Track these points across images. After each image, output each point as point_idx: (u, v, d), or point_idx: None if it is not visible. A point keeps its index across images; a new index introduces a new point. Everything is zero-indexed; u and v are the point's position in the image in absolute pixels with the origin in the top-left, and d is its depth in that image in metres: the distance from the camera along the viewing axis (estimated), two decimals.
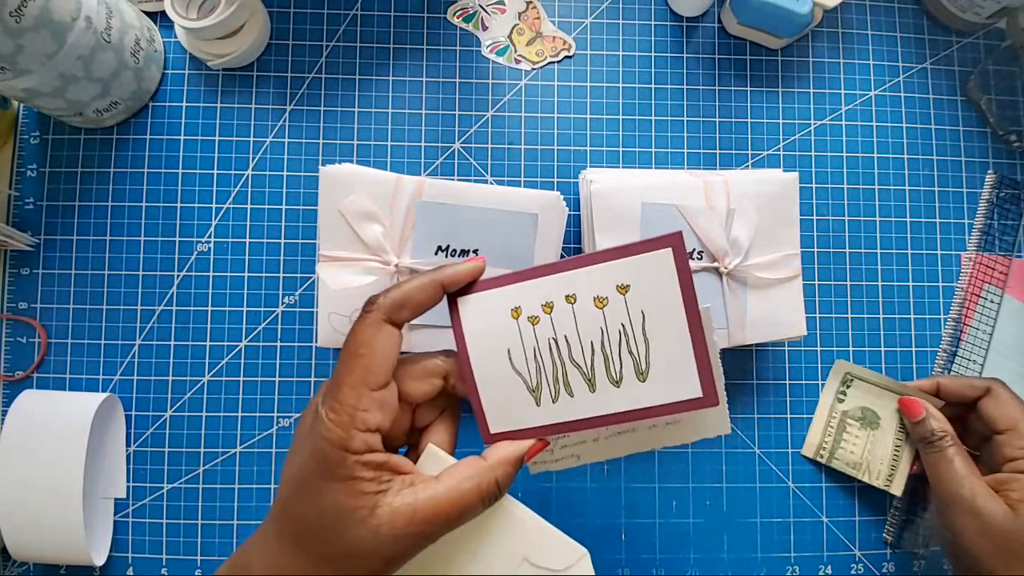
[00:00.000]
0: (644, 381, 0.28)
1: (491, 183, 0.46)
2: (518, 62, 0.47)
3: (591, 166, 0.46)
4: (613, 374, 0.28)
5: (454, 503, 0.26)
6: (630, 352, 0.28)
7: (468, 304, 0.29)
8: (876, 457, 0.43)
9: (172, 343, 0.44)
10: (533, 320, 0.29)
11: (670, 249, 0.27)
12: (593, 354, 0.28)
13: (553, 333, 0.29)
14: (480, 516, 0.28)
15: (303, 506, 0.26)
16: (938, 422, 0.39)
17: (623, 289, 0.28)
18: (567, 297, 0.28)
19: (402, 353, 0.29)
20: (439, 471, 0.28)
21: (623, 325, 0.28)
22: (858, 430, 0.44)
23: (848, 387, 0.45)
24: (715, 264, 0.40)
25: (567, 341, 0.29)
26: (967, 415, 0.41)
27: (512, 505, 0.29)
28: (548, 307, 0.29)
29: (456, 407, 0.32)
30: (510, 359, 0.29)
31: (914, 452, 0.43)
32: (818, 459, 0.45)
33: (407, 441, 0.31)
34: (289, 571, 0.26)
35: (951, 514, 0.36)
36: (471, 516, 0.27)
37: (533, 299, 0.29)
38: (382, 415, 0.27)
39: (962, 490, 0.36)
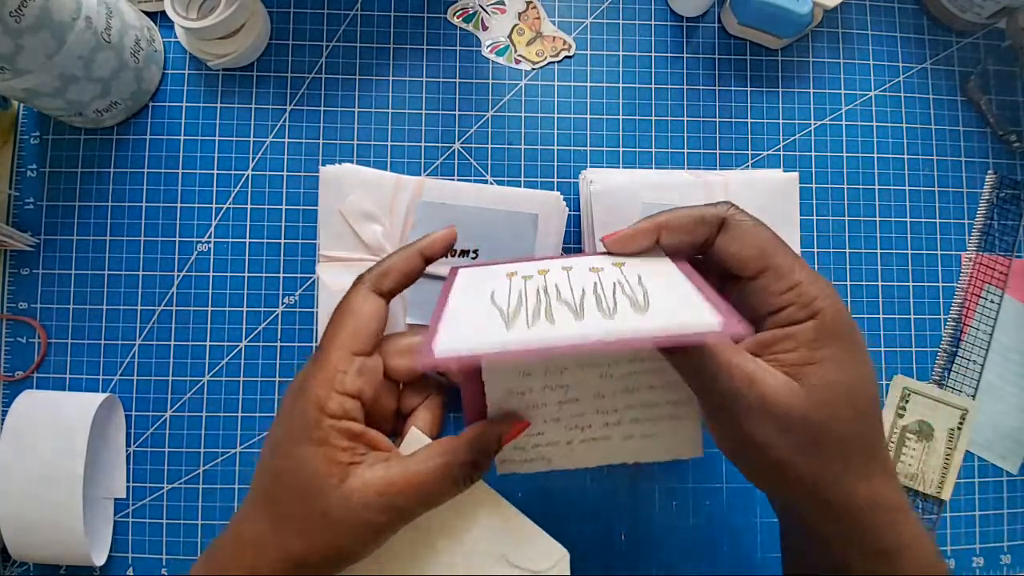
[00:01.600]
0: (643, 314, 0.24)
1: (491, 183, 0.46)
2: (518, 62, 0.47)
3: (591, 166, 0.46)
4: (606, 309, 0.24)
5: (426, 478, 0.26)
6: (625, 295, 0.25)
7: (464, 274, 0.30)
8: (930, 467, 0.44)
9: (172, 343, 0.44)
10: (526, 278, 0.28)
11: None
12: (584, 295, 0.25)
13: (544, 284, 0.27)
14: (461, 511, 0.28)
15: (276, 467, 0.26)
16: None
17: (619, 264, 0.28)
18: (563, 267, 0.29)
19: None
20: None
21: (618, 282, 0.26)
22: (915, 443, 0.45)
23: (907, 402, 0.45)
24: None
25: (557, 288, 0.26)
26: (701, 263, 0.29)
27: (494, 500, 0.29)
28: (543, 272, 0.29)
29: (442, 393, 0.32)
30: (492, 297, 0.26)
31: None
32: None
33: (394, 427, 0.31)
34: (255, 535, 0.25)
35: (731, 418, 0.25)
36: (446, 495, 0.27)
37: (529, 267, 0.29)
38: (363, 381, 0.27)
39: (735, 383, 0.25)
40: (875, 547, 0.25)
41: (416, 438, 0.29)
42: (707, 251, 0.28)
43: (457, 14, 0.47)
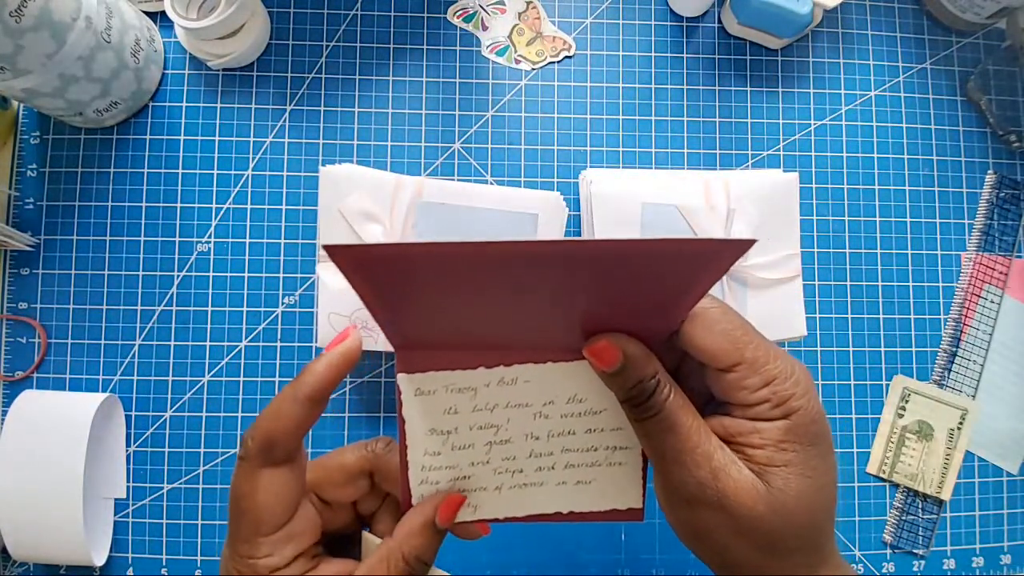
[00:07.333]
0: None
1: (491, 183, 0.46)
2: (518, 62, 0.47)
3: (591, 166, 0.46)
4: None
5: None
6: None
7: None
8: (929, 467, 0.45)
9: (172, 343, 0.44)
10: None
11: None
12: None
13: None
14: None
15: None
16: (645, 363, 0.24)
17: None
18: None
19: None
20: None
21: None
22: (915, 443, 0.45)
23: (907, 402, 0.45)
24: None
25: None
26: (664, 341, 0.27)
27: None
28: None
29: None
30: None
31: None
32: (881, 475, 0.45)
33: (359, 526, 0.29)
34: None
35: (689, 509, 0.25)
36: None
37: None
38: (294, 546, 0.25)
39: (700, 472, 0.24)
40: None
41: (372, 543, 0.28)
42: (672, 340, 0.25)
43: (457, 14, 0.47)
